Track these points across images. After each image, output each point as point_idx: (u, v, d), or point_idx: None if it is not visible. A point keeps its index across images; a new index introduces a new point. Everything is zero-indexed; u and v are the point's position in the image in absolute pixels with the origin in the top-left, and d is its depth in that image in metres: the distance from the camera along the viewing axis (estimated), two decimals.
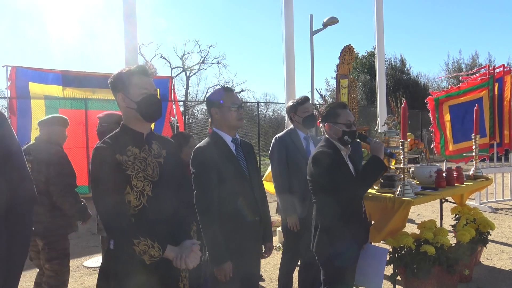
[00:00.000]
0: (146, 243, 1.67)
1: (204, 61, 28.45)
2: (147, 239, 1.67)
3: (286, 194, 3.17)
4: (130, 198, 1.73)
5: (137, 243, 1.66)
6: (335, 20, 11.35)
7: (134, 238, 1.66)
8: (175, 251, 1.76)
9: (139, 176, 1.75)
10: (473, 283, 3.82)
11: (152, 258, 1.69)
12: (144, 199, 1.76)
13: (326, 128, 2.49)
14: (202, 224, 2.20)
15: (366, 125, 13.13)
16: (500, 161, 8.12)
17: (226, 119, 2.31)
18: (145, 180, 1.77)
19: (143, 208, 1.76)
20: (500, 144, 7.40)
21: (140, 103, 1.79)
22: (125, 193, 1.72)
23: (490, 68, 7.40)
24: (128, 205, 1.73)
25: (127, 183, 1.72)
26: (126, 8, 4.47)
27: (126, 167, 1.73)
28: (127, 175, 1.73)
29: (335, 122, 2.45)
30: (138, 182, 1.75)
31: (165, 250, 1.72)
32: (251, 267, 2.36)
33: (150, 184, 1.78)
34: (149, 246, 1.67)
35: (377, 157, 2.41)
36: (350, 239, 2.39)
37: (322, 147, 2.46)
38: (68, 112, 8.55)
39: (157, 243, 1.69)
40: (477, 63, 22.56)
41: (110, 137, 1.81)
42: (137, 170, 1.75)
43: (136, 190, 1.74)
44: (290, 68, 5.52)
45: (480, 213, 4.18)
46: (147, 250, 1.67)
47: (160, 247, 1.70)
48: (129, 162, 1.75)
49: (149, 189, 1.77)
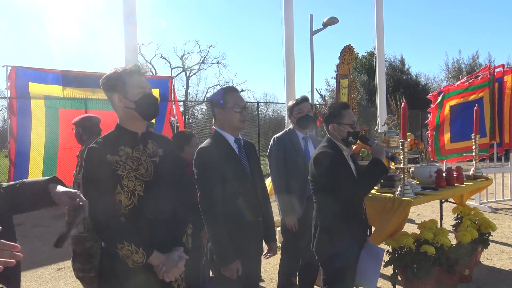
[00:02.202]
0: (130, 248, 1.66)
1: (204, 61, 28.48)
2: (132, 245, 1.67)
3: (284, 194, 3.17)
4: (121, 197, 1.73)
5: (120, 248, 1.66)
6: (335, 20, 11.35)
7: (118, 243, 1.66)
8: (160, 260, 1.75)
9: (130, 176, 1.75)
10: (473, 283, 3.82)
11: (135, 263, 1.69)
12: (135, 199, 1.76)
13: (330, 129, 2.47)
14: (206, 225, 2.20)
15: (366, 125, 13.13)
16: (500, 161, 8.12)
17: (229, 120, 2.30)
18: (137, 180, 1.77)
19: (134, 208, 1.75)
20: (500, 144, 7.40)
21: (138, 102, 1.79)
22: (116, 193, 1.72)
23: (491, 68, 7.40)
24: (119, 204, 1.73)
25: (117, 183, 1.72)
26: (126, 8, 4.47)
27: (117, 167, 1.73)
28: (117, 175, 1.73)
29: (340, 123, 2.45)
30: (129, 182, 1.74)
31: (150, 257, 1.72)
32: (253, 268, 2.36)
33: (142, 184, 1.78)
34: (133, 251, 1.67)
35: (379, 160, 2.40)
36: (350, 239, 2.39)
37: (324, 148, 2.45)
38: (68, 112, 8.55)
39: (141, 249, 1.68)
40: (477, 63, 22.54)
41: (103, 137, 1.81)
42: (128, 170, 1.75)
43: (127, 190, 1.74)
44: (290, 68, 5.52)
45: (481, 214, 4.18)
46: (130, 255, 1.67)
47: (144, 254, 1.69)
48: (120, 162, 1.75)
49: (140, 189, 1.77)
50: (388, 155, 2.50)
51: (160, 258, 1.75)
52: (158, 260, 1.74)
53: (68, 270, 4.72)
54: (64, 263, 4.90)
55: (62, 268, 4.79)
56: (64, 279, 4.45)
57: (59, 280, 4.45)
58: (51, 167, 6.39)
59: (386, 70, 16.19)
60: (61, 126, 8.39)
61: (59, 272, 4.70)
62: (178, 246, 1.85)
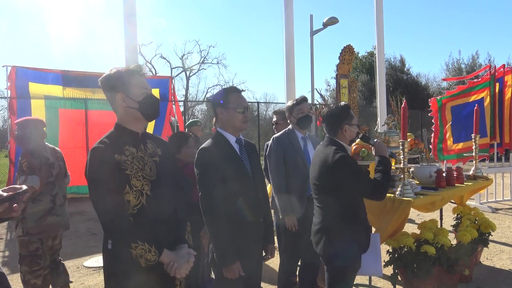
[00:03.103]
0: (144, 247, 1.67)
1: (204, 61, 28.51)
2: (145, 244, 1.68)
3: (284, 195, 3.17)
4: (130, 197, 1.73)
5: (134, 247, 1.66)
6: (335, 20, 11.37)
7: (132, 242, 1.66)
8: (170, 257, 1.76)
9: (138, 175, 1.75)
10: (473, 283, 3.82)
11: (148, 262, 1.69)
12: (143, 198, 1.76)
13: (344, 130, 2.42)
14: (207, 225, 2.20)
15: (366, 125, 13.13)
16: (500, 161, 8.12)
17: (231, 121, 2.29)
18: (144, 179, 1.77)
19: (142, 207, 1.76)
20: (500, 144, 7.40)
21: (141, 102, 1.79)
22: (124, 193, 1.72)
23: (492, 68, 7.40)
24: (127, 204, 1.73)
25: (126, 183, 1.72)
26: (126, 8, 4.48)
27: (125, 167, 1.73)
28: (126, 174, 1.73)
29: (351, 124, 2.44)
30: (137, 181, 1.75)
31: (161, 255, 1.73)
32: (253, 268, 2.36)
33: (149, 183, 1.78)
34: (146, 250, 1.68)
35: (385, 157, 2.44)
36: (355, 240, 2.37)
37: (337, 151, 2.35)
38: (68, 112, 8.57)
39: (154, 248, 1.69)
40: (477, 63, 22.54)
41: (107, 137, 1.80)
42: (136, 170, 1.75)
43: (135, 190, 1.74)
44: (290, 68, 5.52)
45: (481, 214, 4.18)
46: (144, 254, 1.68)
47: (156, 252, 1.70)
48: (128, 162, 1.75)
49: (147, 188, 1.77)
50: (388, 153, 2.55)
51: (170, 256, 1.76)
52: (169, 258, 1.75)
53: (68, 270, 4.72)
54: (64, 263, 4.89)
55: None
56: None
57: None
58: None
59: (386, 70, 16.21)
60: (61, 126, 8.41)
61: None
62: (182, 243, 1.86)
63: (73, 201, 7.65)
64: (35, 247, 3.20)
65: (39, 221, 3.21)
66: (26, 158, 3.16)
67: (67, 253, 5.11)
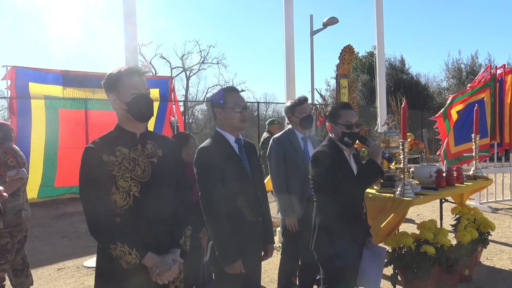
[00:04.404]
0: (123, 249, 1.66)
1: (204, 61, 28.43)
2: (124, 245, 1.66)
3: (284, 195, 3.17)
4: (116, 198, 1.73)
5: (113, 248, 1.66)
6: (335, 20, 11.37)
7: (111, 243, 1.66)
8: (154, 262, 1.74)
9: (125, 176, 1.75)
10: (473, 283, 3.82)
11: (128, 264, 1.69)
12: (130, 200, 1.75)
13: (327, 127, 2.50)
14: (208, 224, 2.21)
15: (366, 125, 13.13)
16: (500, 161, 8.12)
17: (229, 120, 2.31)
18: (132, 180, 1.76)
19: (129, 209, 1.75)
20: (500, 144, 7.40)
21: (130, 103, 1.78)
22: (111, 193, 1.72)
23: (492, 69, 7.39)
24: (114, 205, 1.73)
25: (112, 184, 1.72)
26: (126, 8, 4.47)
27: (112, 168, 1.73)
28: (112, 175, 1.72)
29: (336, 123, 2.45)
30: (124, 182, 1.74)
31: (144, 258, 1.71)
32: (253, 267, 2.36)
33: (138, 184, 1.77)
34: (126, 252, 1.66)
35: (374, 161, 2.39)
36: (350, 239, 2.39)
37: (323, 147, 2.46)
38: (68, 112, 8.55)
39: (135, 250, 1.68)
40: (477, 63, 22.55)
41: (101, 137, 1.81)
42: (123, 171, 1.75)
43: (122, 191, 1.74)
44: (290, 68, 5.52)
45: (480, 213, 4.18)
46: (123, 256, 1.67)
47: (137, 255, 1.69)
48: (116, 163, 1.74)
49: (136, 190, 1.76)
50: (385, 156, 2.49)
51: (154, 260, 1.74)
52: (152, 262, 1.74)
53: (68, 270, 4.73)
54: (64, 263, 4.90)
55: (62, 268, 4.79)
56: (64, 279, 4.46)
57: (59, 280, 4.45)
58: (51, 167, 6.40)
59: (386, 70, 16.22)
60: (61, 126, 8.39)
61: (59, 272, 4.70)
62: (174, 248, 1.84)
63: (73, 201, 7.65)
64: (5, 242, 3.29)
65: (17, 214, 3.35)
66: (9, 155, 3.31)
67: (67, 253, 5.13)
